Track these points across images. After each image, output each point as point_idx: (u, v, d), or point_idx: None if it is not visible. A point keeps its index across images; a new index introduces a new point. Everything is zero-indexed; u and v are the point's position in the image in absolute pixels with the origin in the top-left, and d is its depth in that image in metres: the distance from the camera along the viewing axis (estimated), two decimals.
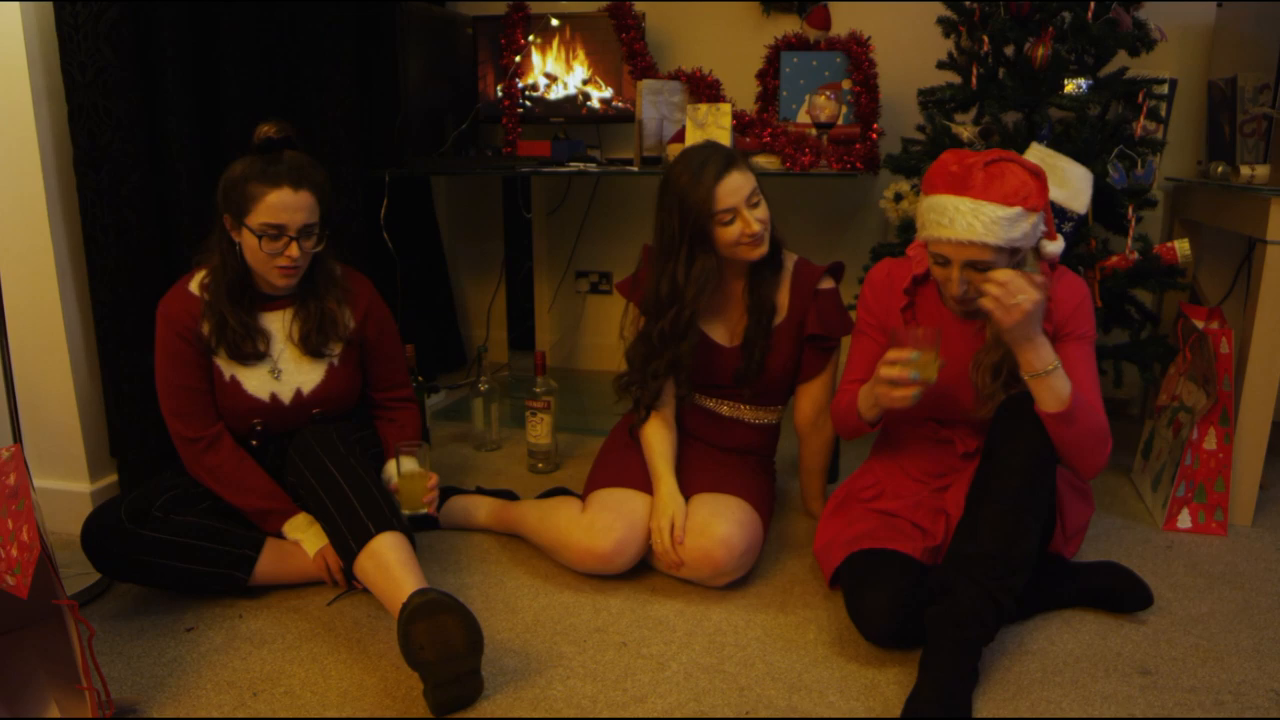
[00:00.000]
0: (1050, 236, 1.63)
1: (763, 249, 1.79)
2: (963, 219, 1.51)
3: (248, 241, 1.72)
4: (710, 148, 1.80)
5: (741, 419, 1.98)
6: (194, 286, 1.80)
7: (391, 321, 1.99)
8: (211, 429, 1.78)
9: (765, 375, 1.90)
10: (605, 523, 1.79)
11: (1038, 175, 1.55)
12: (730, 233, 1.75)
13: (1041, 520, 1.55)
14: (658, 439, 1.90)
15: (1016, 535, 1.50)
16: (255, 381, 1.81)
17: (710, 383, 1.94)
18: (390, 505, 1.66)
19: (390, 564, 1.55)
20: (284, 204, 1.69)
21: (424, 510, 1.86)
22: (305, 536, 1.78)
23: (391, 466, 1.91)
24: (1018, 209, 1.51)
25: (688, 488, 1.86)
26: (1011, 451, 1.54)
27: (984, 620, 1.46)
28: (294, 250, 1.72)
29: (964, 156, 1.56)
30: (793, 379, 1.95)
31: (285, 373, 1.83)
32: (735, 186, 1.73)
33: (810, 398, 1.98)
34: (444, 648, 1.40)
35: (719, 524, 1.76)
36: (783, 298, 1.91)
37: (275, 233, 1.70)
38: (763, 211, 1.78)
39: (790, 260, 1.93)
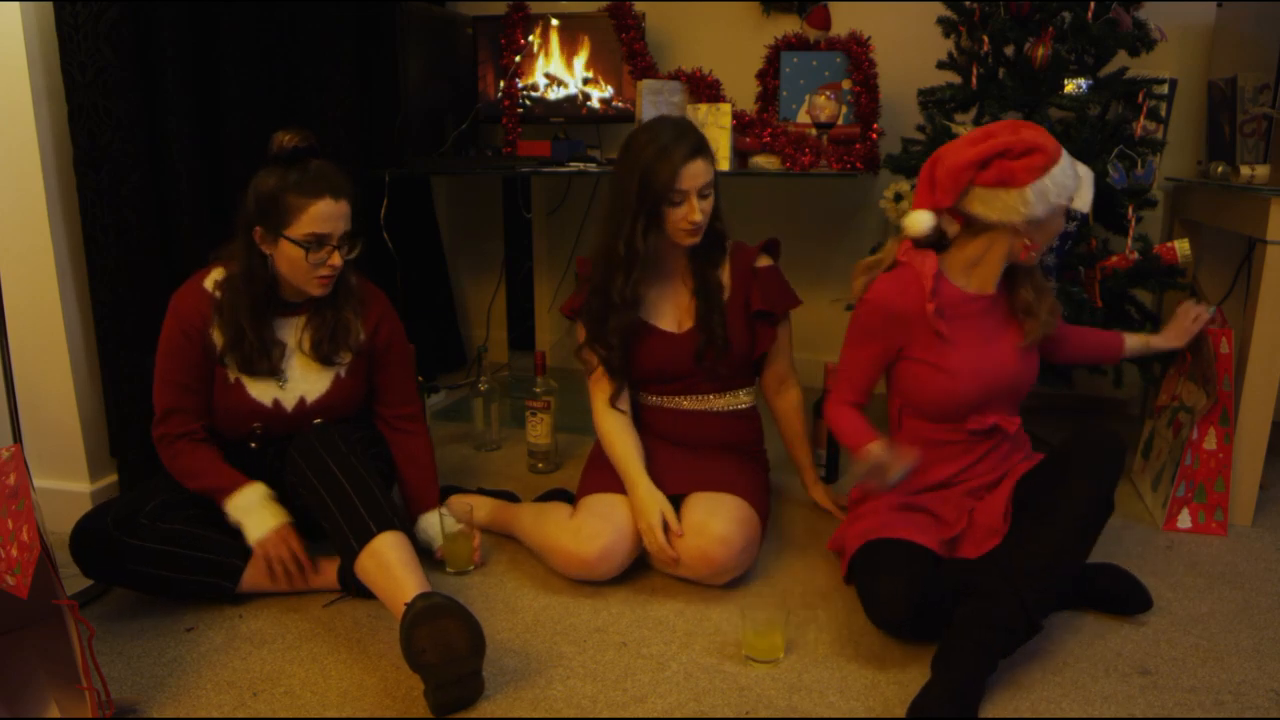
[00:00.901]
0: None
1: (695, 239, 1.83)
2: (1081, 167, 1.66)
3: (287, 253, 1.72)
4: (685, 125, 1.83)
5: (711, 410, 1.97)
6: (209, 284, 1.80)
7: (403, 335, 1.97)
8: (191, 426, 1.77)
9: (730, 346, 1.90)
10: (592, 528, 1.78)
11: None
12: (675, 213, 1.79)
13: (1089, 551, 1.60)
14: (622, 442, 1.89)
15: (1068, 561, 1.55)
16: (259, 387, 1.80)
17: (669, 375, 1.93)
18: (391, 505, 1.66)
19: (392, 564, 1.55)
20: (327, 214, 1.70)
21: (471, 569, 1.88)
22: (247, 520, 1.73)
23: (433, 524, 1.90)
24: None
25: (680, 489, 1.85)
26: (1088, 482, 1.56)
27: (1014, 630, 1.47)
28: (336, 259, 1.73)
29: (992, 135, 1.63)
30: (748, 356, 1.97)
31: (291, 381, 1.83)
32: (697, 172, 1.76)
33: (772, 370, 2.03)
34: (446, 650, 1.40)
35: (716, 522, 1.75)
36: (725, 278, 1.94)
37: (318, 243, 1.71)
38: (709, 205, 1.81)
39: (728, 244, 1.96)
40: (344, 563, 1.63)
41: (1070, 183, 1.62)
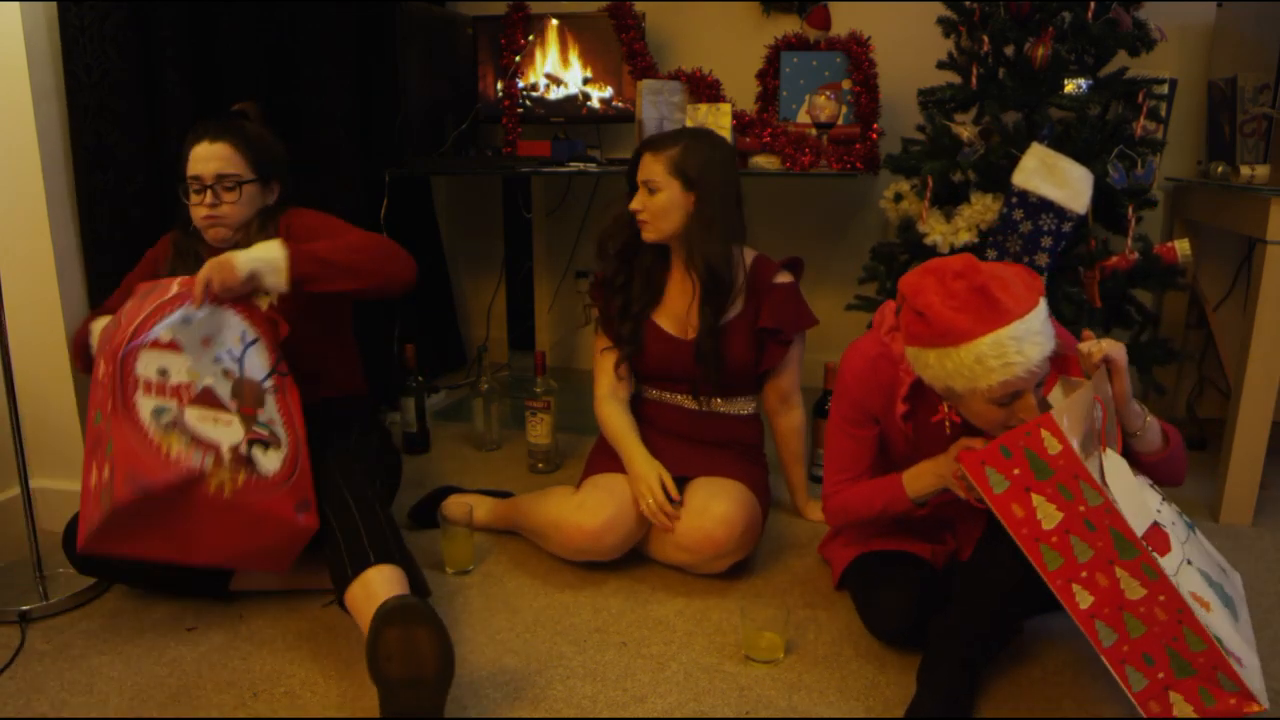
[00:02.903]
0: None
1: (647, 234, 1.88)
2: (1030, 343, 1.29)
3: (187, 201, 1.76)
4: (657, 132, 2.02)
5: (716, 410, 1.99)
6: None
7: (319, 217, 1.83)
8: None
9: (724, 367, 1.91)
10: (596, 501, 1.81)
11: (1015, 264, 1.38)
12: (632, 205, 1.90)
13: None
14: (620, 422, 1.92)
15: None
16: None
17: (673, 375, 1.95)
18: (398, 541, 1.58)
19: (378, 595, 1.44)
20: (199, 155, 1.73)
21: (471, 568, 1.89)
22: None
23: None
24: (1042, 301, 1.34)
25: (681, 472, 1.86)
26: None
27: (988, 644, 1.46)
28: (209, 198, 1.73)
29: (948, 282, 1.34)
30: (750, 371, 1.97)
31: None
32: (643, 165, 1.87)
33: (773, 386, 2.03)
34: (413, 666, 1.31)
35: (717, 503, 1.77)
36: (738, 293, 1.93)
37: (197, 185, 1.73)
38: (656, 201, 1.85)
39: (749, 256, 1.96)
40: (338, 594, 1.53)
41: (1019, 370, 1.28)
